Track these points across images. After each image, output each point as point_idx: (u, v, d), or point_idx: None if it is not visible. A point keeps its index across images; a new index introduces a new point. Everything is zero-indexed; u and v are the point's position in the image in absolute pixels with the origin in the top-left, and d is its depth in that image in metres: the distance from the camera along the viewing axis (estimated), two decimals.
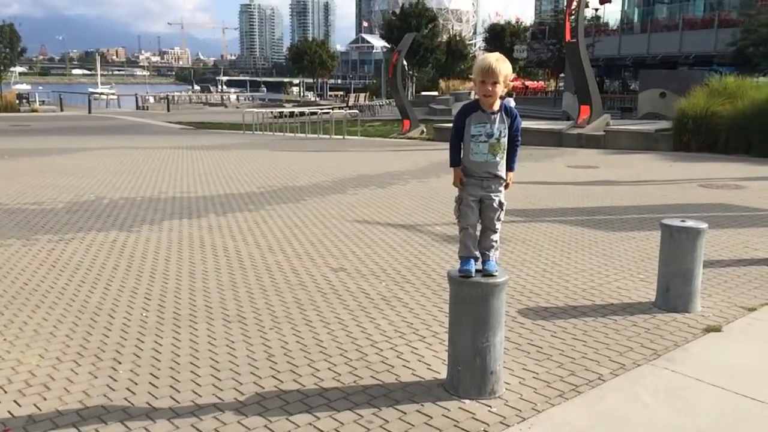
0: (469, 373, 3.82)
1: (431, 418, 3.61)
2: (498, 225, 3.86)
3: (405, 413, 3.66)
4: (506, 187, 3.88)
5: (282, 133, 27.09)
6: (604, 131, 19.37)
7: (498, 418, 3.58)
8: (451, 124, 3.85)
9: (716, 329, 4.87)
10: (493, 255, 3.83)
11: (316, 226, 8.51)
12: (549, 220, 8.88)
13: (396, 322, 5.07)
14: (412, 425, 3.53)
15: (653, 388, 3.89)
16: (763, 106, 15.87)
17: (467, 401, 3.78)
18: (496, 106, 3.66)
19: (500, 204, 3.85)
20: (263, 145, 21.22)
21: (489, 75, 3.51)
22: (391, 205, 10.09)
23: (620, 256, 7.01)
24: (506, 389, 3.88)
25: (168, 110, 52.01)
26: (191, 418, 3.59)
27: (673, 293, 5.26)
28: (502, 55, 3.60)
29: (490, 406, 3.72)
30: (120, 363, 4.29)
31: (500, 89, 3.58)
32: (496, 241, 3.86)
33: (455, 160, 3.80)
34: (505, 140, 3.74)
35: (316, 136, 25.54)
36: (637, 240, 7.74)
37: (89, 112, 46.46)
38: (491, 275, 3.75)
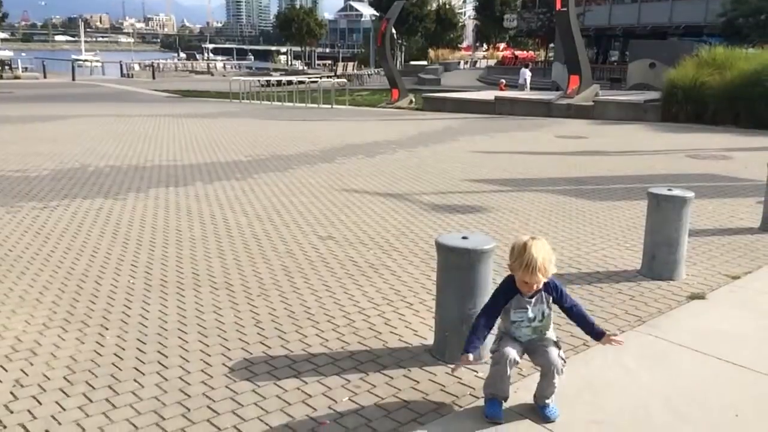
0: (456, 339, 3.84)
1: (418, 382, 3.64)
2: (562, 365, 3.16)
3: (392, 378, 3.69)
4: (607, 341, 3.21)
5: (269, 102, 26.85)
6: (593, 101, 19.35)
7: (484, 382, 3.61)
8: (440, 94, 3.60)
9: (700, 296, 4.93)
10: (553, 399, 3.23)
11: (304, 195, 8.48)
12: (537, 190, 8.90)
13: (383, 290, 5.08)
14: (399, 389, 3.56)
15: (637, 354, 3.94)
16: (751, 78, 15.89)
17: (454, 366, 3.81)
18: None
19: (556, 343, 3.24)
20: (250, 114, 21.03)
21: (534, 275, 3.03)
22: (379, 174, 10.06)
23: (607, 225, 7.05)
24: (491, 356, 3.91)
25: (153, 78, 51.32)
26: (179, 382, 3.61)
27: (659, 261, 5.30)
28: (544, 244, 3.07)
29: (476, 371, 3.75)
30: (107, 329, 4.29)
31: (542, 280, 3.11)
32: (556, 386, 3.19)
33: (467, 347, 3.09)
34: (550, 318, 3.23)
35: (304, 105, 25.33)
36: (623, 209, 7.79)
37: (73, 80, 45.79)
38: (550, 420, 3.18)
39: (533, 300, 3.17)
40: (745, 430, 3.17)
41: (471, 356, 3.06)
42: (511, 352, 3.12)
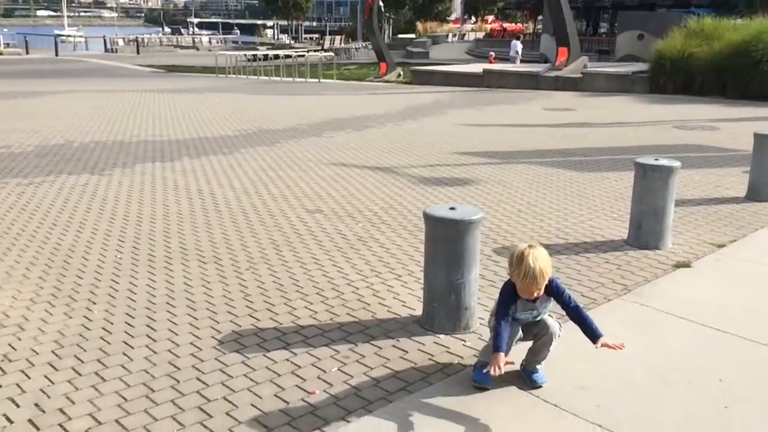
0: (444, 309, 3.88)
1: (407, 352, 3.67)
2: (559, 330, 3.28)
3: (381, 348, 3.71)
4: (600, 344, 3.15)
5: (256, 77, 26.58)
6: (581, 74, 19.30)
7: (472, 352, 3.65)
8: (428, 67, 3.55)
9: (685, 265, 4.97)
10: (543, 365, 3.33)
11: (292, 169, 8.45)
12: (525, 162, 8.91)
13: (372, 262, 5.10)
14: (388, 359, 3.59)
15: (623, 321, 3.99)
16: (739, 48, 15.87)
17: (442, 336, 3.84)
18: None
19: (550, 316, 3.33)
20: (237, 89, 20.84)
21: (534, 284, 3.05)
22: (368, 147, 10.03)
23: (594, 196, 7.08)
24: (480, 324, 3.94)
25: (138, 53, 50.61)
26: (168, 355, 3.61)
27: (645, 231, 5.34)
28: (540, 251, 3.08)
29: (464, 341, 3.79)
30: (95, 303, 4.28)
31: (542, 287, 3.12)
32: (550, 351, 3.30)
33: (500, 345, 3.07)
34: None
35: (291, 79, 25.10)
36: (611, 180, 7.81)
37: (56, 55, 45.10)
38: (538, 386, 3.26)
39: (536, 302, 3.20)
40: (728, 393, 3.23)
41: (504, 356, 3.03)
42: (517, 331, 3.22)
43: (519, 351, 3.33)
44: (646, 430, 2.92)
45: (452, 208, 3.88)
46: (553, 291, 3.20)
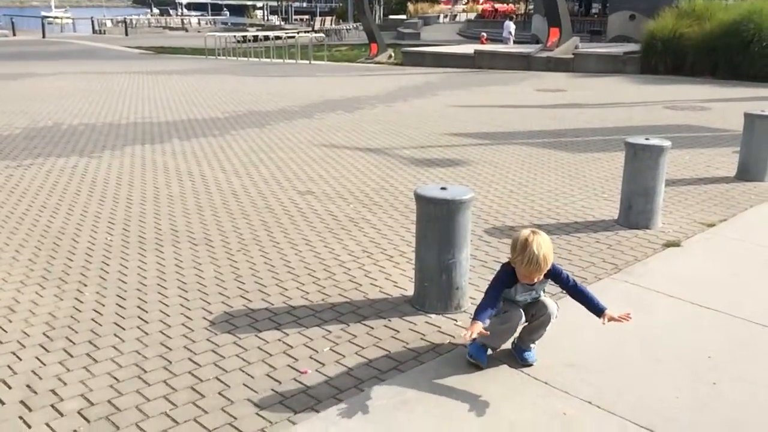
0: (435, 289, 3.89)
1: (398, 332, 3.68)
2: (557, 310, 3.30)
3: (372, 328, 3.72)
4: (607, 318, 3.15)
5: (246, 58, 26.36)
6: (573, 54, 19.25)
7: (463, 331, 3.65)
8: (419, 49, 3.46)
9: (675, 244, 5.00)
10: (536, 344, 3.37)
11: (283, 151, 8.41)
12: (516, 143, 8.90)
13: (363, 243, 5.10)
14: (380, 339, 3.60)
15: (613, 300, 3.98)
16: (730, 28, 15.86)
17: (433, 316, 3.86)
18: None
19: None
20: (227, 71, 20.67)
21: (536, 270, 3.06)
22: (359, 129, 9.99)
23: (585, 177, 7.09)
24: (471, 303, 3.96)
25: (126, 34, 50.05)
26: (160, 336, 3.61)
27: (635, 210, 5.36)
28: (543, 237, 3.07)
29: (455, 320, 3.80)
30: (86, 285, 4.27)
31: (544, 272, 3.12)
32: (546, 331, 3.31)
33: (480, 316, 3.07)
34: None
35: (282, 61, 24.91)
36: (602, 161, 7.83)
37: (43, 37, 44.54)
38: (529, 364, 3.30)
39: (535, 284, 3.20)
40: (717, 370, 3.26)
41: (482, 324, 3.02)
42: (521, 315, 3.21)
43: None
44: (636, 407, 2.95)
45: (443, 188, 3.88)
46: (551, 273, 3.20)
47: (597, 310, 3.18)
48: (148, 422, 2.87)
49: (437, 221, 3.81)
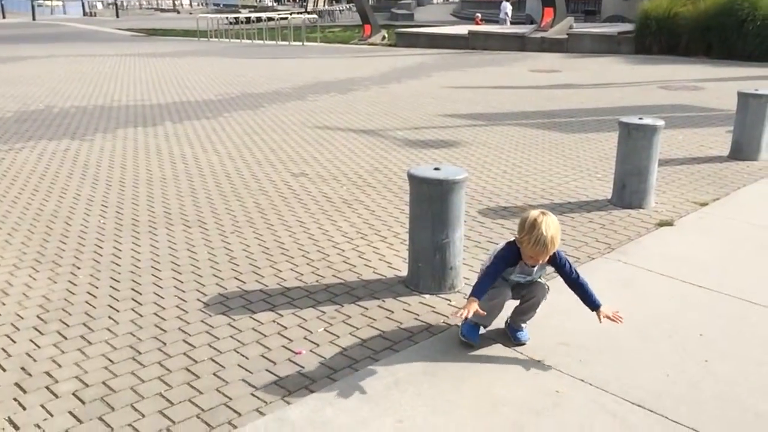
0: (429, 269, 3.90)
1: (392, 312, 3.69)
2: (547, 291, 3.30)
3: (366, 309, 3.73)
4: (602, 315, 3.16)
5: (238, 40, 26.16)
6: (567, 35, 19.16)
7: (458, 310, 3.66)
8: (413, 30, 3.39)
9: (668, 223, 5.02)
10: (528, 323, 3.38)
11: (276, 133, 8.38)
12: (510, 124, 8.89)
13: (357, 224, 5.10)
14: (374, 319, 3.61)
15: (605, 279, 4.03)
16: (724, 7, 15.78)
17: (427, 296, 3.87)
18: None
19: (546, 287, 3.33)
20: (219, 52, 20.52)
21: (543, 252, 3.02)
22: (352, 110, 9.95)
23: (579, 157, 7.09)
24: (465, 284, 3.97)
25: (117, 16, 49.62)
26: (154, 318, 3.62)
27: (629, 190, 5.37)
28: (552, 218, 3.03)
29: (449, 300, 3.82)
30: (79, 268, 4.26)
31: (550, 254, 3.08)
32: (537, 311, 3.33)
33: (478, 294, 3.09)
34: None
35: (274, 42, 24.74)
36: (596, 141, 7.82)
37: (33, 20, 44.12)
38: (522, 343, 3.31)
39: (536, 267, 3.18)
40: (708, 347, 3.29)
41: (477, 303, 3.03)
42: (509, 293, 3.23)
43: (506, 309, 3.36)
44: (628, 384, 2.98)
45: (437, 169, 3.87)
46: (556, 261, 3.16)
47: (592, 305, 3.18)
48: (143, 403, 2.88)
49: (431, 201, 3.81)
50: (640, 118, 5.41)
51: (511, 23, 27.63)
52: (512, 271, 3.21)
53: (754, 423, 2.73)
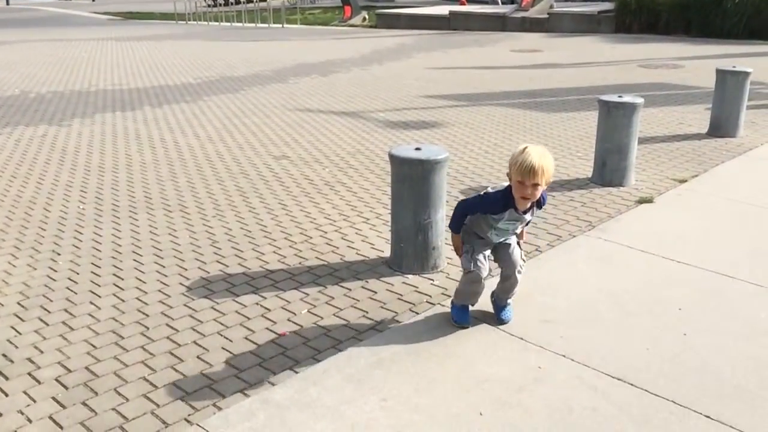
0: (411, 249, 3.91)
1: (375, 293, 3.71)
2: (522, 265, 3.28)
3: (350, 290, 3.74)
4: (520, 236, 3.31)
5: (217, 23, 25.84)
6: (548, 14, 19.13)
7: (440, 290, 3.70)
8: (393, 11, 3.29)
9: (648, 201, 5.06)
10: (512, 300, 3.37)
11: (257, 116, 8.32)
12: (491, 104, 8.89)
13: (340, 206, 5.09)
14: (357, 300, 3.62)
15: (586, 256, 4.07)
16: None
17: (410, 276, 3.88)
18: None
19: (518, 243, 3.34)
20: (198, 36, 20.27)
21: (530, 176, 2.89)
22: (333, 92, 9.89)
23: (560, 136, 7.12)
24: (448, 263, 3.99)
25: (93, 0, 48.73)
26: (137, 303, 3.60)
27: (609, 168, 5.40)
28: (545, 150, 2.97)
29: (432, 280, 3.84)
30: (59, 254, 4.22)
31: (540, 191, 3.01)
32: (519, 282, 3.29)
33: (457, 228, 3.20)
34: None
35: (254, 25, 24.45)
36: (576, 120, 7.85)
37: (7, 4, 43.23)
38: (504, 322, 3.32)
39: (526, 215, 3.14)
40: (687, 321, 3.34)
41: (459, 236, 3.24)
42: (485, 271, 3.21)
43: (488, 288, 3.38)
44: (609, 358, 3.02)
45: (418, 149, 3.87)
46: (541, 204, 3.16)
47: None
48: (127, 387, 2.88)
49: (412, 182, 3.81)
50: (620, 97, 5.44)
51: (494, 2, 27.49)
52: (500, 219, 3.13)
53: (732, 394, 2.78)
